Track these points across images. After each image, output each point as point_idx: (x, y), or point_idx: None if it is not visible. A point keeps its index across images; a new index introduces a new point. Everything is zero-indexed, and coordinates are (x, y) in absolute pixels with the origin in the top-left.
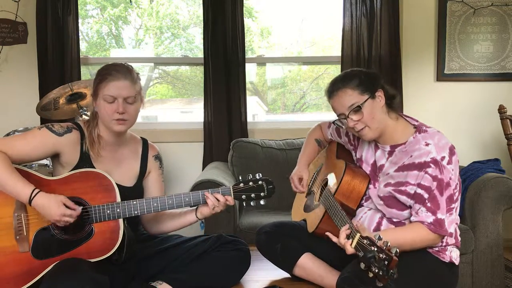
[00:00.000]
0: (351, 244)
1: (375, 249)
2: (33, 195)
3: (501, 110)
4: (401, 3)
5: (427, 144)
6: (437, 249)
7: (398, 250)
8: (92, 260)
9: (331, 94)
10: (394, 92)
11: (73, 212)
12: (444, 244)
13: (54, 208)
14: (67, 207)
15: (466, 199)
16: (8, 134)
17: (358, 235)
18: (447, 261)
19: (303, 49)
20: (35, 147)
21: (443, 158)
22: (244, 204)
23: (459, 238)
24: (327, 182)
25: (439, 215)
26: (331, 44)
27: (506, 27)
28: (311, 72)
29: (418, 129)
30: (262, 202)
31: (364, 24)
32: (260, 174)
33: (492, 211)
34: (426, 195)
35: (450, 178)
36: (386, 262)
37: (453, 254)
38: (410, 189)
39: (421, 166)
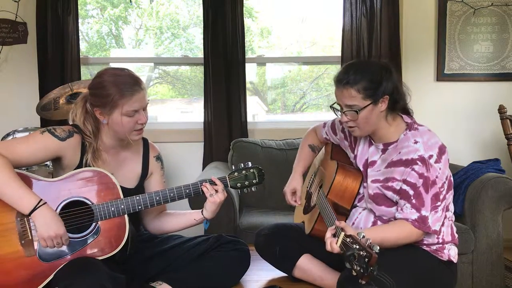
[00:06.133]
0: (336, 243)
1: (356, 246)
2: (39, 205)
3: (501, 110)
4: (401, 3)
5: (416, 142)
6: (435, 248)
7: (379, 247)
8: (99, 258)
9: (337, 83)
10: (400, 97)
11: (67, 239)
12: (440, 241)
13: (57, 224)
14: None
15: (466, 199)
16: (8, 134)
17: (342, 234)
18: (445, 260)
19: (303, 49)
20: (37, 151)
21: (430, 156)
22: (239, 192)
23: (456, 235)
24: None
25: (423, 212)
26: (331, 44)
27: (506, 27)
28: (311, 72)
29: (409, 127)
30: (253, 188)
31: (364, 24)
32: (250, 163)
33: (492, 211)
34: (411, 192)
35: (437, 177)
36: (366, 260)
37: (451, 252)
38: (396, 185)
39: (408, 163)
